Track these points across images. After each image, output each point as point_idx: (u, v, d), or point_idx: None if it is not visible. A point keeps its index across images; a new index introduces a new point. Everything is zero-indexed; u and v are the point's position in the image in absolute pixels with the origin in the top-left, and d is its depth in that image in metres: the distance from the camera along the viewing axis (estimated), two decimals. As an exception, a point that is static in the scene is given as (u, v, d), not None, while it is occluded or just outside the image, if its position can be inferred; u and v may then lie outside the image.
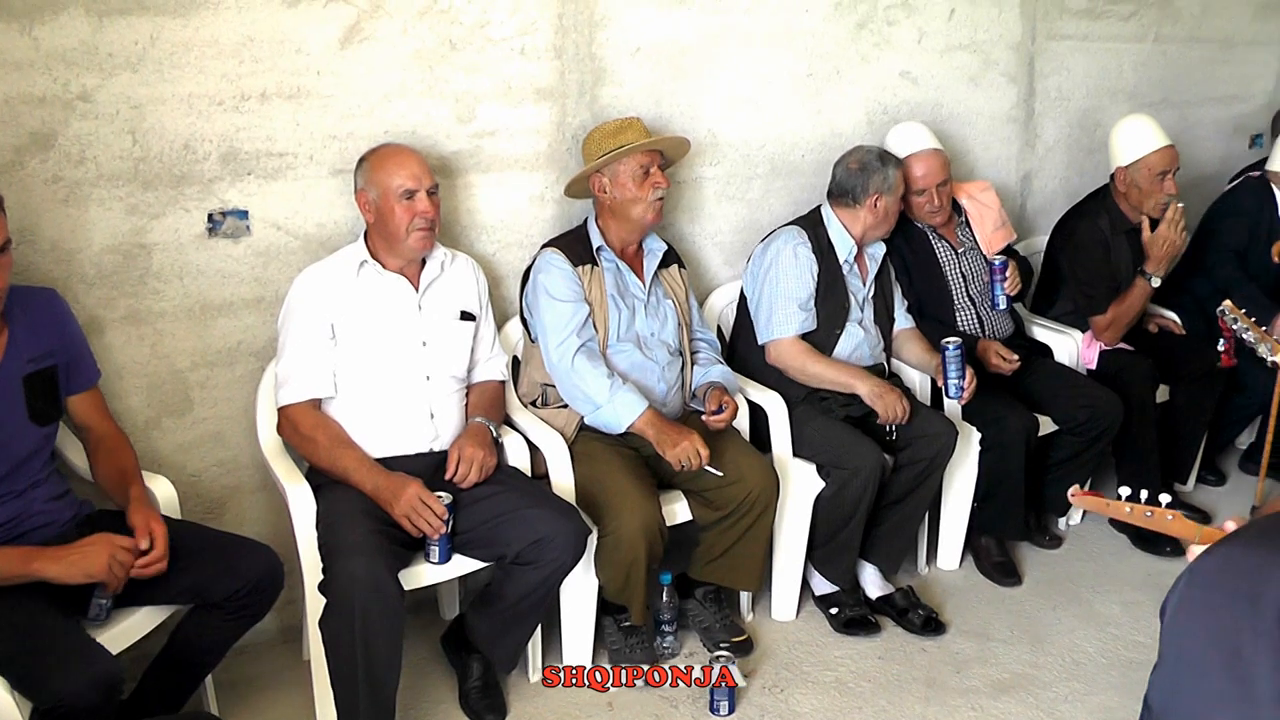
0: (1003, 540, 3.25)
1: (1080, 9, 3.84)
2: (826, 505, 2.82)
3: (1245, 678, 1.10)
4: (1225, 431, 3.87)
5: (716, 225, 3.25)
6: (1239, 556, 1.18)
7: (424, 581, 2.41)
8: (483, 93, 2.80)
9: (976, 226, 3.34)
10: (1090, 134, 3.92)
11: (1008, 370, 3.14)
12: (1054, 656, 2.81)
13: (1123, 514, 1.91)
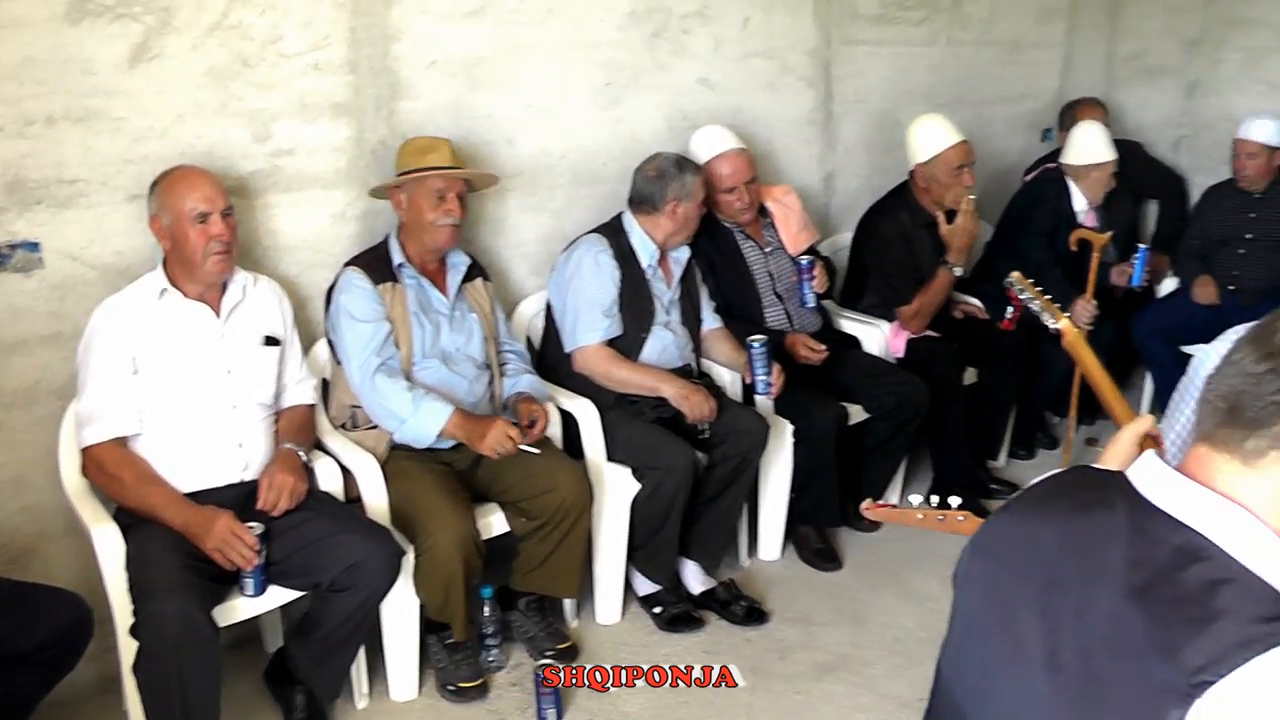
0: (822, 527, 3.47)
1: (873, 15, 4.13)
2: (643, 506, 2.97)
3: (1019, 641, 1.19)
4: (1033, 408, 4.19)
5: (521, 236, 3.37)
6: (1012, 526, 1.29)
7: (240, 616, 2.44)
8: (278, 110, 2.84)
9: (781, 227, 3.56)
10: (889, 134, 4.20)
11: (816, 360, 3.35)
12: (875, 635, 3.04)
13: (915, 521, 2.03)
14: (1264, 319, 1.16)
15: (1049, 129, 4.88)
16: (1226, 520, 1.10)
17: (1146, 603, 1.09)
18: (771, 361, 3.14)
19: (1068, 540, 1.19)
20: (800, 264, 3.47)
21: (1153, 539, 1.13)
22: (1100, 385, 2.87)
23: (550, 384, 3.12)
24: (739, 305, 3.48)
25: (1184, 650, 1.03)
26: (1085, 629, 1.12)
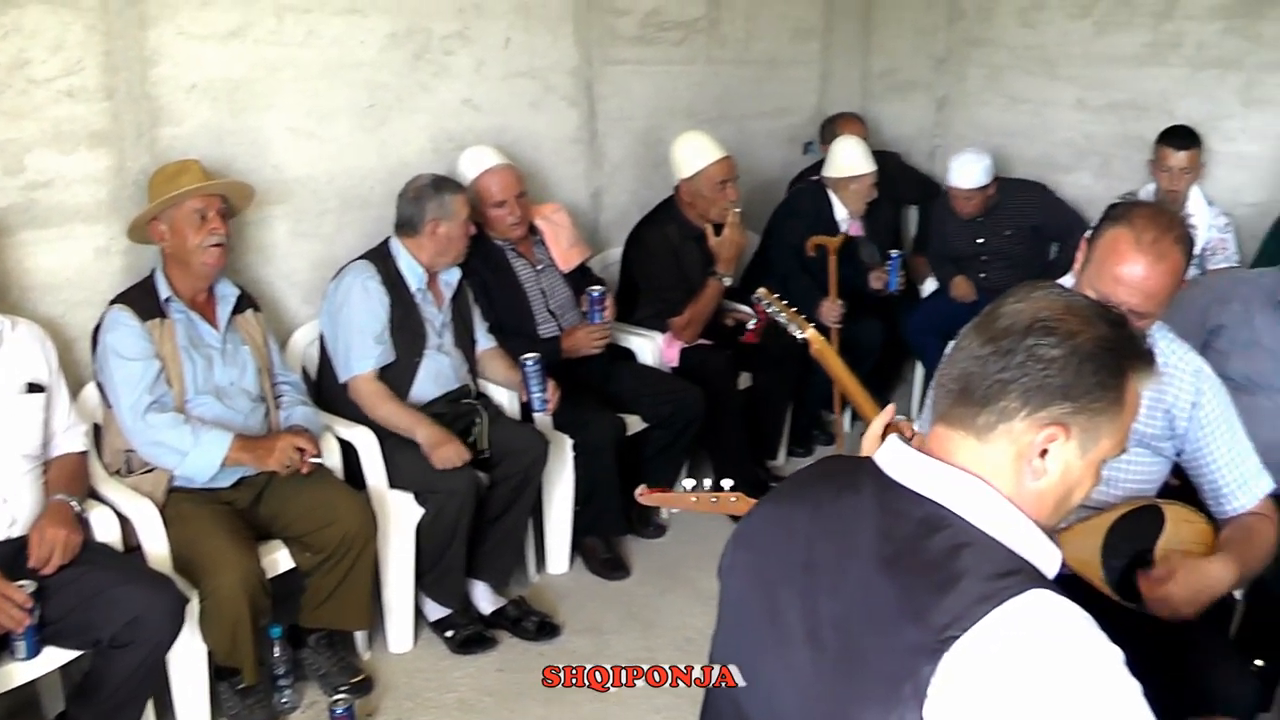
0: (607, 537, 3.66)
1: (632, 36, 4.35)
2: (427, 531, 3.07)
3: (782, 623, 1.30)
4: (807, 407, 4.51)
5: (291, 265, 3.41)
6: (769, 516, 1.42)
7: (14, 681, 2.38)
8: (30, 140, 2.79)
9: (552, 245, 3.73)
10: (654, 150, 4.42)
11: (600, 342, 3.62)
12: (666, 638, 3.24)
13: (689, 504, 2.20)
14: (985, 309, 1.34)
15: (810, 142, 5.24)
16: (963, 490, 1.26)
17: (895, 572, 1.21)
18: (546, 378, 3.29)
19: (821, 523, 1.32)
20: (592, 294, 3.62)
21: (898, 514, 1.26)
22: (847, 386, 3.22)
23: (328, 414, 3.17)
24: (513, 323, 3.61)
25: (931, 611, 1.15)
26: (841, 603, 1.24)
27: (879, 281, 4.54)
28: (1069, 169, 4.97)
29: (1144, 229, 2.02)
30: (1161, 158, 4.23)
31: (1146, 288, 2.01)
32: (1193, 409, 2.16)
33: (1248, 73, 4.43)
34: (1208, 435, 2.17)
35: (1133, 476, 2.20)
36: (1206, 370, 2.19)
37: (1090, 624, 1.15)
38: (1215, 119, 4.46)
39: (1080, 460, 1.28)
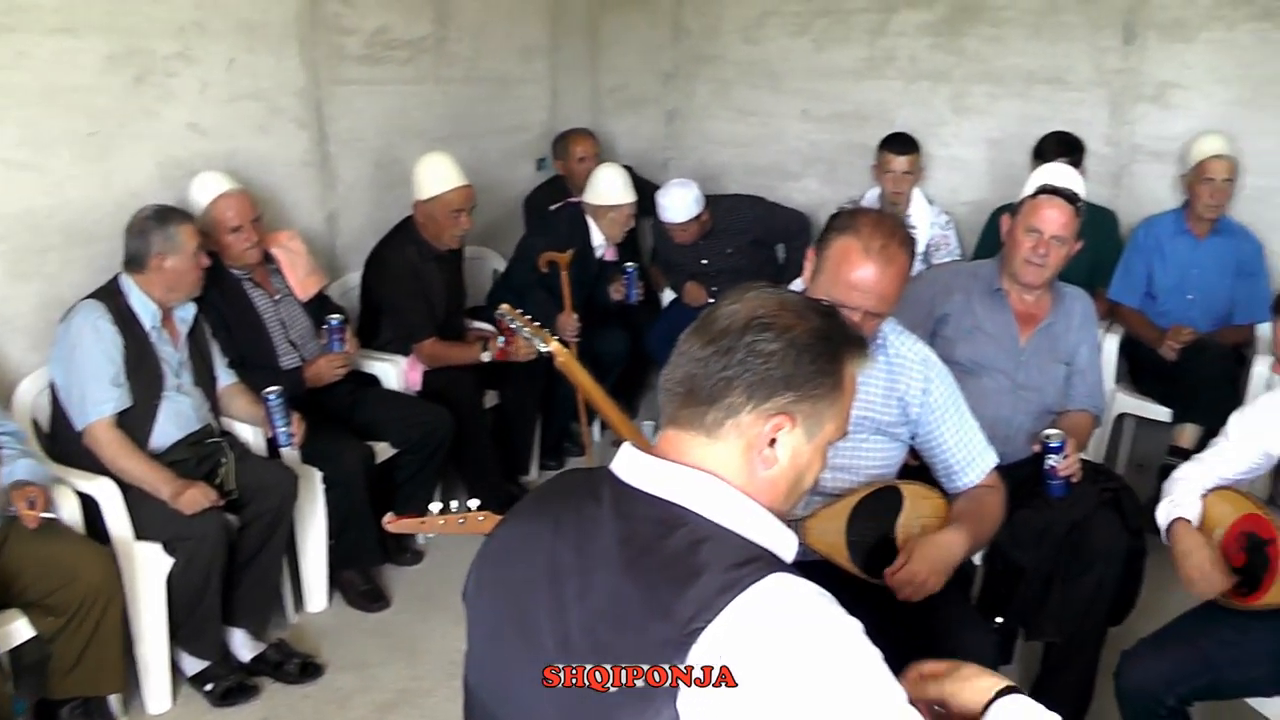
0: (365, 569, 3.63)
1: (359, 55, 4.31)
2: (179, 581, 2.96)
3: (533, 637, 1.30)
4: (557, 419, 4.59)
5: (14, 308, 3.22)
6: (513, 533, 1.43)
7: None
8: None
9: (289, 273, 3.66)
10: (389, 171, 4.41)
11: (353, 354, 3.60)
12: (431, 664, 3.24)
13: (438, 526, 2.19)
14: (702, 313, 1.41)
15: (543, 158, 5.33)
16: (697, 487, 1.30)
17: (638, 574, 1.24)
18: (290, 411, 3.24)
19: (564, 535, 1.33)
20: (330, 324, 3.58)
21: (637, 518, 1.30)
22: (594, 397, 3.34)
23: (64, 467, 3.01)
24: (254, 356, 3.53)
25: (676, 606, 1.18)
26: (589, 609, 1.26)
27: (618, 293, 4.68)
28: (798, 176, 5.32)
29: (871, 237, 2.17)
30: (884, 163, 4.58)
31: (879, 290, 2.18)
32: (923, 395, 2.37)
33: (956, 84, 4.88)
34: (938, 419, 2.39)
35: (872, 462, 2.37)
36: (934, 359, 2.42)
37: (828, 600, 1.22)
38: (931, 126, 4.89)
39: (808, 445, 1.36)
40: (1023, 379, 2.99)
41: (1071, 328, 3.06)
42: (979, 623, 2.36)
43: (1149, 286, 4.25)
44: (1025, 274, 2.95)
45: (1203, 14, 4.35)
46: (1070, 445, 2.76)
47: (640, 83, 5.76)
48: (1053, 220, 2.90)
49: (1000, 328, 3.01)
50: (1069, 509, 2.74)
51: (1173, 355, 3.99)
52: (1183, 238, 4.20)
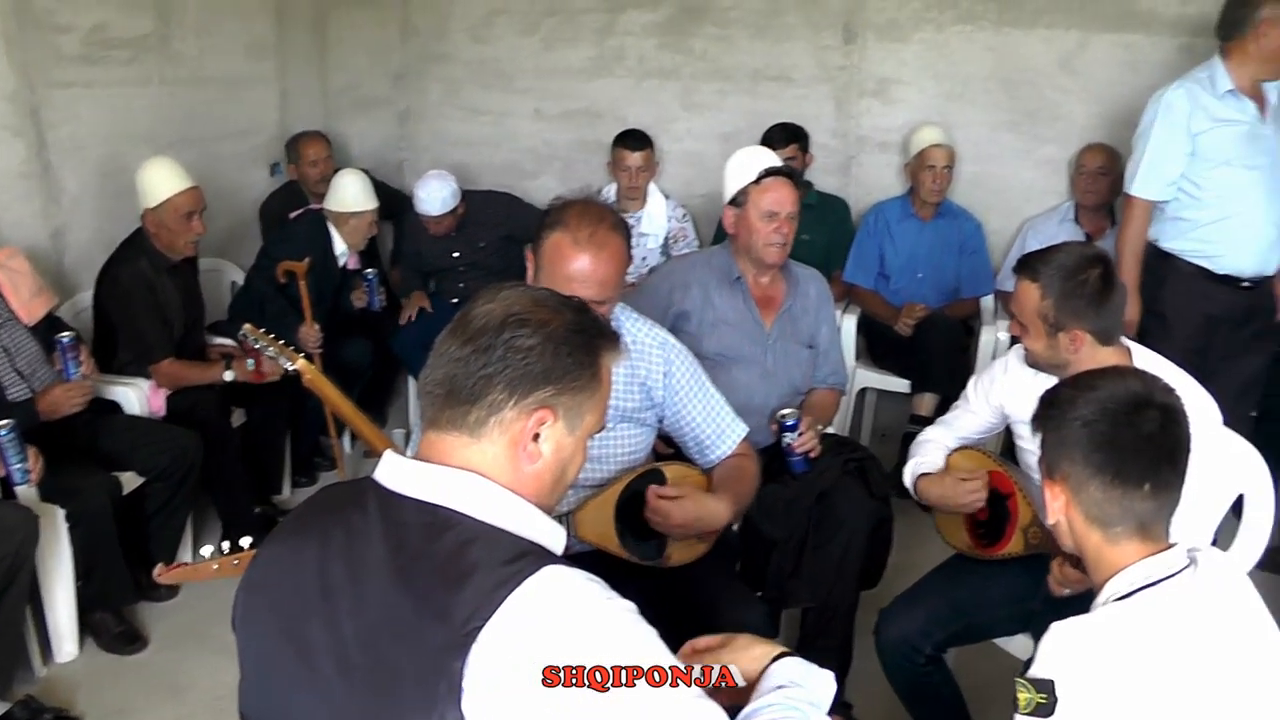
0: (118, 609, 3.36)
1: (76, 55, 3.97)
2: None
3: (310, 658, 1.28)
4: (307, 435, 4.42)
5: None
6: (277, 555, 1.39)
7: None
8: None
9: (11, 296, 3.33)
10: (117, 180, 4.08)
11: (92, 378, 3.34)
12: (197, 702, 3.07)
13: (212, 572, 2.07)
14: (457, 314, 1.40)
15: (277, 163, 5.08)
16: (463, 488, 1.31)
17: (410, 580, 1.24)
18: (25, 446, 2.98)
19: (332, 549, 1.32)
20: (62, 342, 3.30)
21: (404, 524, 1.29)
22: (343, 409, 3.23)
23: None
24: (-24, 387, 3.16)
25: (451, 609, 1.18)
26: (364, 623, 1.25)
27: (360, 300, 4.54)
28: (534, 174, 5.32)
29: (579, 227, 2.20)
30: (619, 159, 4.65)
31: (597, 278, 2.20)
32: (665, 378, 2.42)
33: (685, 81, 5.00)
34: (683, 398, 2.44)
35: (623, 450, 2.39)
36: (671, 340, 2.46)
37: (599, 586, 1.25)
38: (663, 122, 4.99)
39: (570, 438, 1.38)
40: (771, 364, 3.05)
41: (809, 309, 3.15)
42: (749, 596, 2.44)
43: (881, 267, 4.49)
44: (769, 256, 2.99)
45: (914, 16, 4.63)
46: (805, 422, 2.86)
47: (371, 83, 5.59)
48: (786, 199, 2.95)
49: (743, 316, 3.06)
50: (815, 481, 2.84)
51: (907, 330, 4.24)
52: (910, 221, 4.47)
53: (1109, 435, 1.58)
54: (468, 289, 4.69)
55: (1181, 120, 3.36)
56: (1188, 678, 1.46)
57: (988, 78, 4.62)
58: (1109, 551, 1.60)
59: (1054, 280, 2.30)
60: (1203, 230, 3.43)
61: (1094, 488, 1.59)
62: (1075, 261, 2.32)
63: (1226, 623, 1.54)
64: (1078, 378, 1.72)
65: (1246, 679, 1.51)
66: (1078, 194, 4.43)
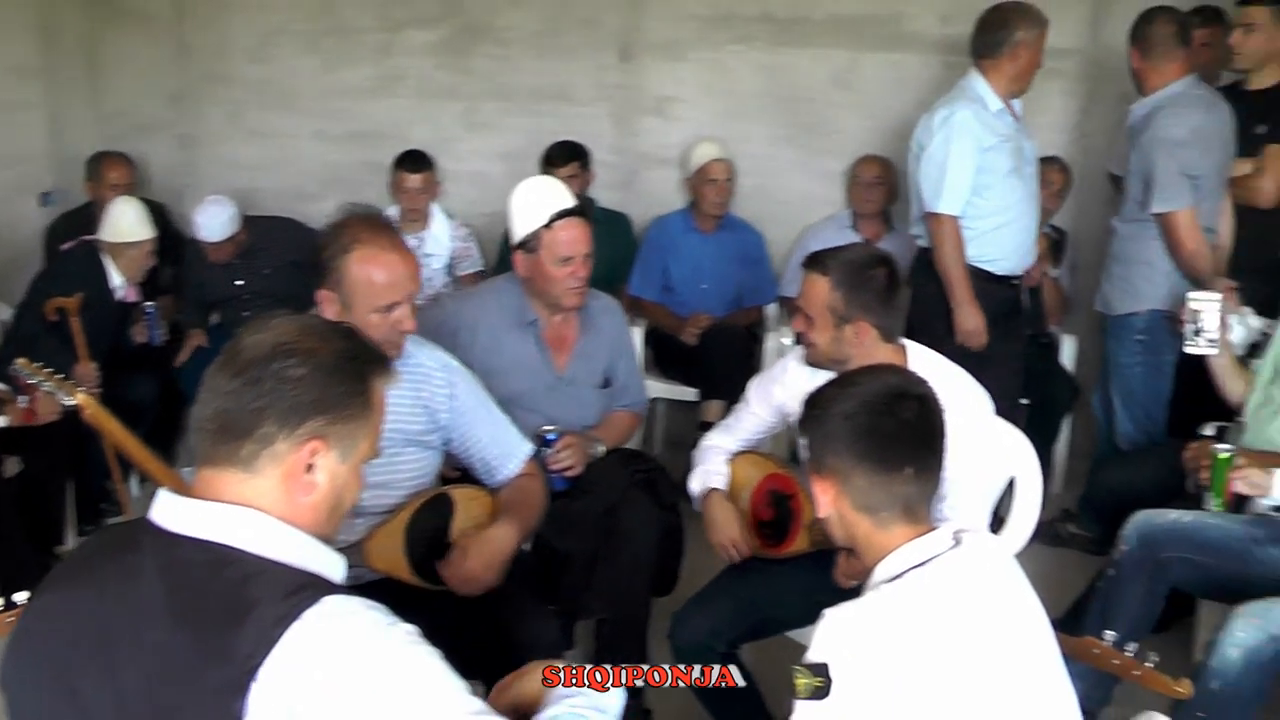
0: None
1: None
2: None
3: (88, 710, 1.26)
4: (91, 480, 4.20)
5: None
6: (49, 604, 1.34)
7: None
8: None
9: None
10: None
11: None
12: None
13: None
14: (225, 346, 1.38)
15: (48, 192, 4.86)
16: (239, 524, 1.29)
17: (189, 621, 1.22)
18: None
19: (107, 595, 1.28)
20: None
21: (181, 564, 1.26)
22: (129, 449, 3.08)
23: None
24: None
25: (232, 647, 1.17)
26: (143, 670, 1.22)
27: (141, 335, 4.38)
28: (317, 198, 5.13)
29: (374, 234, 2.23)
30: (399, 181, 4.59)
31: (412, 272, 2.26)
32: (450, 400, 2.41)
33: (467, 101, 5.01)
34: (468, 420, 2.44)
35: (409, 474, 2.37)
36: (454, 363, 2.46)
37: (380, 613, 1.26)
38: (445, 142, 4.96)
39: (344, 466, 1.37)
40: (561, 409, 2.96)
41: (604, 343, 3.08)
42: (542, 611, 2.45)
43: (666, 280, 4.59)
44: (569, 300, 2.90)
45: (691, 36, 4.76)
46: (563, 440, 2.84)
47: (148, 106, 5.38)
48: (580, 240, 2.85)
49: (534, 360, 2.96)
50: (603, 494, 2.86)
51: (693, 340, 4.34)
52: (692, 234, 4.58)
53: (870, 425, 1.66)
54: (254, 318, 4.53)
55: (972, 139, 3.56)
56: (956, 653, 1.54)
57: (764, 95, 4.77)
58: (878, 536, 1.67)
59: (844, 273, 2.38)
60: (986, 237, 3.64)
61: (859, 476, 1.65)
62: (864, 258, 2.44)
63: (991, 599, 1.63)
64: (837, 378, 1.81)
65: (1011, 651, 1.60)
66: (855, 203, 4.61)
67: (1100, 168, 4.25)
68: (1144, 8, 3.65)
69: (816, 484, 1.72)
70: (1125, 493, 3.20)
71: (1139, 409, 3.73)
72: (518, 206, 2.91)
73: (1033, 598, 1.69)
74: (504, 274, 3.14)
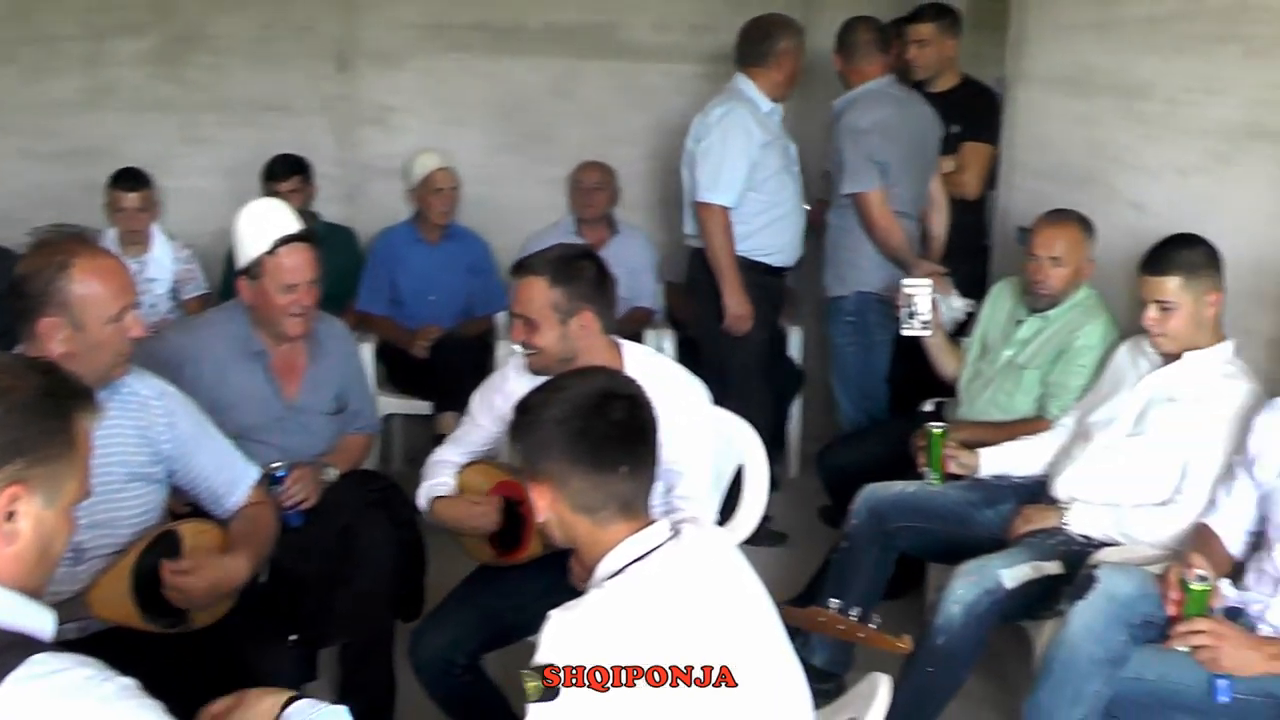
0: None
1: None
2: None
3: None
4: None
5: None
6: None
7: None
8: None
9: None
10: None
11: None
12: None
13: None
14: None
15: None
16: None
17: None
18: None
19: None
20: None
21: None
22: None
23: None
24: None
25: None
26: None
27: None
28: (26, 221, 4.78)
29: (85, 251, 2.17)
30: (115, 201, 4.33)
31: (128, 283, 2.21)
32: (170, 429, 2.33)
33: (184, 114, 4.80)
34: (190, 449, 2.37)
35: (133, 510, 2.28)
36: (170, 390, 2.37)
37: (91, 669, 1.21)
38: (164, 159, 4.70)
39: (50, 511, 1.30)
40: (292, 439, 2.92)
41: (335, 367, 3.03)
42: (280, 642, 2.42)
43: (394, 293, 4.55)
44: (294, 329, 2.85)
45: (408, 44, 4.74)
46: (293, 475, 2.78)
47: None
48: (304, 266, 2.80)
49: (263, 391, 2.90)
50: (338, 517, 2.82)
51: (424, 353, 4.33)
52: (418, 245, 4.56)
53: (582, 427, 1.70)
54: (-46, 354, 4.22)
55: (747, 135, 3.79)
56: (680, 641, 1.60)
57: (485, 103, 4.83)
58: (598, 535, 1.71)
59: (558, 270, 2.44)
60: (763, 232, 3.91)
61: (575, 479, 1.69)
62: (570, 253, 2.52)
63: (711, 586, 1.71)
64: (546, 383, 1.84)
65: (734, 635, 1.68)
66: (577, 209, 4.71)
67: (816, 167, 4.48)
68: (847, 16, 4.01)
69: (533, 489, 1.76)
70: (854, 470, 3.41)
71: (855, 389, 4.04)
72: (241, 231, 2.84)
73: (754, 581, 1.79)
74: (229, 302, 3.06)
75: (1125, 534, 2.73)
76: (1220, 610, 2.34)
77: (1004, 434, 3.18)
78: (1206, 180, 3.11)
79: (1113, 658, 2.31)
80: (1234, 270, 2.76)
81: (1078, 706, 2.31)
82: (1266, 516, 2.45)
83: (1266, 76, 2.90)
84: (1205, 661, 2.24)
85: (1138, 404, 2.83)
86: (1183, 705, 2.31)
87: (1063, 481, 2.90)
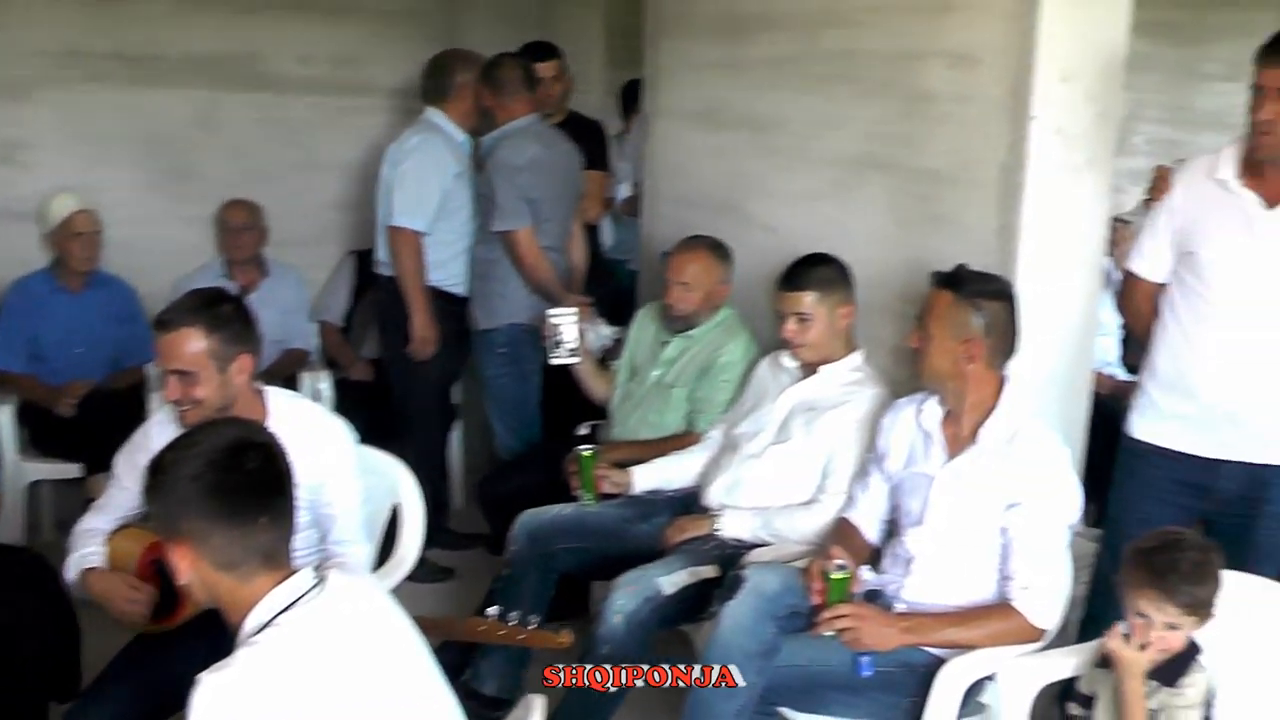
0: None
1: None
2: None
3: None
4: None
5: None
6: None
7: None
8: None
9: None
10: None
11: None
12: None
13: None
14: None
15: None
16: None
17: None
18: None
19: None
20: None
21: None
22: None
23: None
24: None
25: None
26: None
27: None
28: None
29: None
30: None
31: None
32: None
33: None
34: None
35: None
36: None
37: None
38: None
39: None
40: None
41: None
42: None
43: (35, 347, 4.24)
44: None
45: (39, 74, 4.42)
46: None
47: None
48: None
49: None
50: None
51: (70, 411, 4.07)
52: (59, 294, 4.27)
53: (217, 482, 1.66)
54: None
55: (442, 164, 3.98)
56: (333, 686, 1.60)
57: (126, 138, 4.57)
58: (242, 591, 1.68)
59: (209, 317, 2.38)
60: (452, 262, 4.10)
61: (216, 535, 1.66)
62: (209, 297, 2.47)
63: (359, 629, 1.71)
64: (175, 440, 1.78)
65: (384, 672, 1.69)
66: (226, 250, 4.53)
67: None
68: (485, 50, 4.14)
69: (174, 551, 1.71)
70: (515, 498, 3.46)
71: (511, 417, 4.12)
72: None
73: (400, 617, 1.82)
74: None
75: (774, 534, 2.98)
76: (861, 594, 2.58)
77: (655, 450, 3.37)
78: (831, 205, 3.42)
79: (764, 650, 2.50)
80: (860, 285, 3.06)
81: (734, 699, 2.48)
82: (897, 505, 2.73)
83: (875, 113, 3.23)
84: (849, 642, 2.47)
85: (780, 414, 3.10)
86: (833, 684, 2.53)
87: (713, 490, 3.11)
